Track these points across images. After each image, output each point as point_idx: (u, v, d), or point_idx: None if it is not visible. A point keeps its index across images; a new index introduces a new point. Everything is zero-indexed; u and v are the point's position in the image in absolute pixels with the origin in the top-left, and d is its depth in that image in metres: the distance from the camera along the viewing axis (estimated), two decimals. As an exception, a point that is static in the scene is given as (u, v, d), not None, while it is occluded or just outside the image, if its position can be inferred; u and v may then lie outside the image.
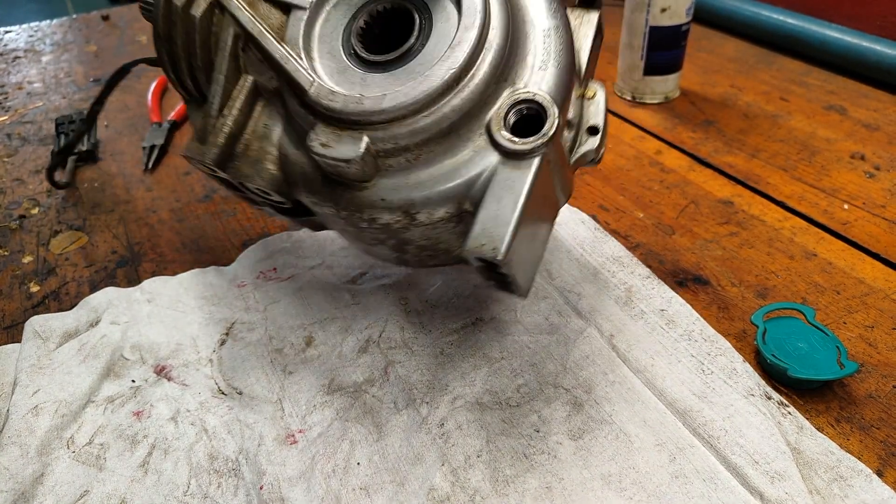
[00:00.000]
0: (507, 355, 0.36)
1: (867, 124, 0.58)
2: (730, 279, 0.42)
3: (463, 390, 0.34)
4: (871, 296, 0.40)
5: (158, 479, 0.31)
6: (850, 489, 0.29)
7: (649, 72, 0.62)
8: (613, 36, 0.71)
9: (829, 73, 0.68)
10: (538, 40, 0.29)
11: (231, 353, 0.38)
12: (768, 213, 0.48)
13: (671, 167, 0.54)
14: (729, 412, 0.32)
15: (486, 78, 0.27)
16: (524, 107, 0.27)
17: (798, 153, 0.55)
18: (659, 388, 0.34)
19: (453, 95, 0.27)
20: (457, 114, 0.27)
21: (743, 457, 0.30)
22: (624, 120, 0.62)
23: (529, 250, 0.29)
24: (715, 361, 0.35)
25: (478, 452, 0.31)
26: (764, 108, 0.62)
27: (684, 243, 0.45)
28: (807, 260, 0.43)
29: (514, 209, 0.25)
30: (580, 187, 0.52)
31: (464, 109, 0.27)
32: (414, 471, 0.31)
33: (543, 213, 0.30)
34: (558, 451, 0.31)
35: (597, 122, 0.31)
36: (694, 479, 0.30)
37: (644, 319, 0.38)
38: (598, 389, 0.34)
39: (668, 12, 0.58)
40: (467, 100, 0.27)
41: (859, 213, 0.47)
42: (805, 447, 0.31)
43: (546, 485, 0.30)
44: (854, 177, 0.51)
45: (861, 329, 0.37)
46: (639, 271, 0.42)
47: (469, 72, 0.27)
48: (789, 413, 0.32)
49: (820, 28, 0.69)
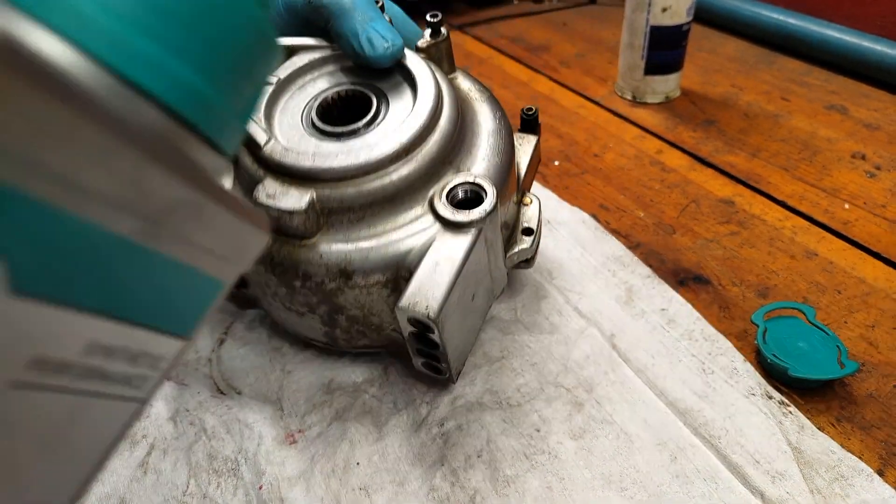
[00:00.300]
0: (508, 355, 0.36)
1: (868, 124, 0.58)
2: (730, 278, 0.41)
3: (463, 390, 0.34)
4: (871, 295, 0.39)
5: (157, 479, 0.31)
6: (851, 488, 0.29)
7: (650, 71, 0.62)
8: (614, 36, 0.71)
9: (829, 73, 0.68)
10: (484, 138, 0.33)
11: (230, 352, 0.38)
12: (769, 213, 0.47)
13: (672, 166, 0.54)
14: (730, 412, 0.32)
15: (433, 156, 0.30)
16: (467, 187, 0.30)
17: (799, 153, 0.55)
18: (660, 388, 0.34)
19: (401, 164, 0.29)
20: (403, 182, 0.29)
21: (744, 456, 0.30)
22: (625, 119, 0.62)
23: (461, 329, 0.31)
24: (716, 361, 0.35)
25: (478, 452, 0.31)
26: (765, 107, 0.62)
27: (685, 243, 0.45)
28: (808, 259, 0.43)
29: (451, 272, 0.27)
30: (581, 187, 0.52)
31: (410, 179, 0.29)
32: (414, 471, 0.31)
33: (477, 292, 0.31)
34: (559, 451, 0.31)
35: (531, 225, 0.35)
36: (695, 478, 0.30)
37: (645, 319, 0.38)
38: (598, 389, 0.34)
39: (668, 12, 0.58)
40: (413, 171, 0.29)
41: (860, 213, 0.47)
42: (806, 447, 0.31)
43: (547, 485, 0.30)
44: (855, 176, 0.51)
45: (862, 328, 0.37)
46: (639, 271, 0.42)
47: (417, 147, 0.30)
48: (790, 412, 0.32)
49: (820, 28, 0.69)
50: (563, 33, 0.83)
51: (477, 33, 0.84)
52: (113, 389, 0.16)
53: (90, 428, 0.17)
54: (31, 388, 0.13)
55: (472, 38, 0.83)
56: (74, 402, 0.15)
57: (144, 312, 0.14)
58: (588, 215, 0.47)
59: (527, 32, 0.84)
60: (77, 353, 0.13)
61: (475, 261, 0.29)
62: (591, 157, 0.56)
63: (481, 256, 0.30)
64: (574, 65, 0.74)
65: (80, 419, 0.16)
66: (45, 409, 0.14)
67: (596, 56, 0.75)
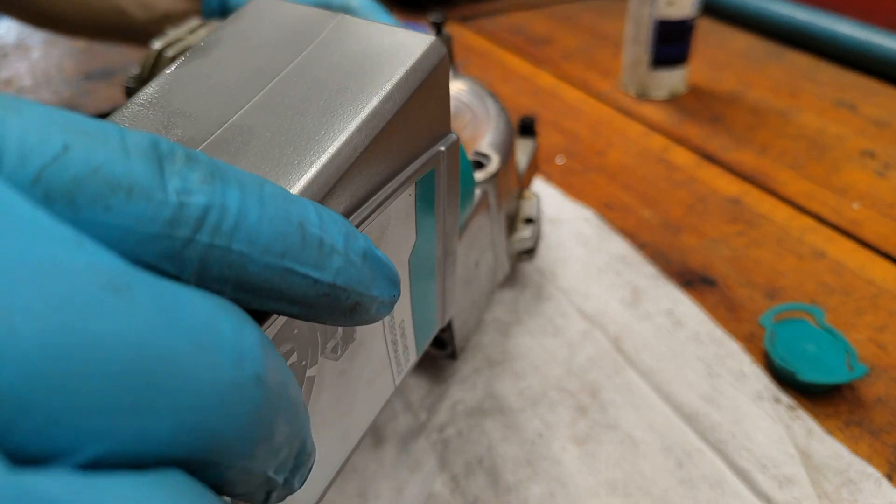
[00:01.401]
0: (509, 358, 0.36)
1: (877, 121, 0.57)
2: (738, 280, 0.41)
3: (463, 395, 0.34)
4: (881, 297, 0.39)
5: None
6: (859, 493, 0.28)
7: (655, 66, 0.61)
8: (618, 29, 0.70)
9: (839, 69, 0.67)
10: (492, 119, 0.37)
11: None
12: (777, 212, 0.47)
13: (678, 164, 0.53)
14: (737, 416, 0.32)
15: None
16: (473, 156, 0.33)
17: (807, 150, 0.54)
18: (666, 392, 0.33)
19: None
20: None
21: (751, 461, 0.30)
22: (629, 116, 0.61)
23: (464, 296, 0.32)
24: (723, 364, 0.35)
25: (479, 458, 0.31)
26: (772, 104, 0.61)
27: (691, 242, 0.44)
28: (816, 260, 0.42)
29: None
30: (585, 185, 0.51)
31: None
32: (413, 477, 0.30)
33: (480, 262, 0.33)
34: (562, 457, 0.31)
35: (532, 215, 0.38)
36: (701, 484, 0.29)
37: (651, 321, 0.37)
38: (603, 393, 0.33)
39: (674, 5, 0.57)
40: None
41: (869, 213, 0.46)
42: (814, 451, 0.30)
43: (550, 492, 0.29)
44: (864, 175, 0.50)
45: (871, 331, 0.36)
46: (645, 271, 0.41)
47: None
48: (798, 417, 0.32)
49: (830, 22, 0.68)
50: (566, 26, 0.82)
51: (478, 26, 0.83)
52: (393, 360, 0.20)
53: (374, 394, 0.20)
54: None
55: (473, 31, 0.82)
56: (383, 361, 0.20)
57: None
58: (592, 214, 0.47)
59: (529, 25, 0.83)
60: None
61: (477, 225, 0.31)
62: (595, 154, 0.55)
63: (484, 222, 0.32)
64: (577, 59, 0.73)
65: (377, 381, 0.20)
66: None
67: (600, 50, 0.74)
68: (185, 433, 0.09)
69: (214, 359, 0.10)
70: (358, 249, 0.13)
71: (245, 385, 0.10)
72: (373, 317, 0.14)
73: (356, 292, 0.13)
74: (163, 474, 0.09)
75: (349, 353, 0.17)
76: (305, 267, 0.11)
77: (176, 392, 0.09)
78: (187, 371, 0.09)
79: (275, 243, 0.11)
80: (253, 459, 0.10)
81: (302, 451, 0.12)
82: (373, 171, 0.16)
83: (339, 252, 0.12)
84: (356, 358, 0.18)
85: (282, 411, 0.11)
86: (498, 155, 0.33)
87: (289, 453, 0.12)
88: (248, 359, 0.10)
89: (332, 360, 0.17)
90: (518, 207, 0.38)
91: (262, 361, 0.10)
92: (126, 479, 0.09)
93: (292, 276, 0.11)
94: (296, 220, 0.11)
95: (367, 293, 0.13)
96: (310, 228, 0.12)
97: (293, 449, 0.12)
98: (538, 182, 0.50)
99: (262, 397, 0.10)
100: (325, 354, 0.16)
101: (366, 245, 0.13)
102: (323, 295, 0.12)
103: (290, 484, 0.12)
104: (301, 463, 0.12)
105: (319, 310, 0.12)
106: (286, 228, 0.11)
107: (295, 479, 0.12)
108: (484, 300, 0.36)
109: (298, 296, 0.12)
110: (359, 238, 0.13)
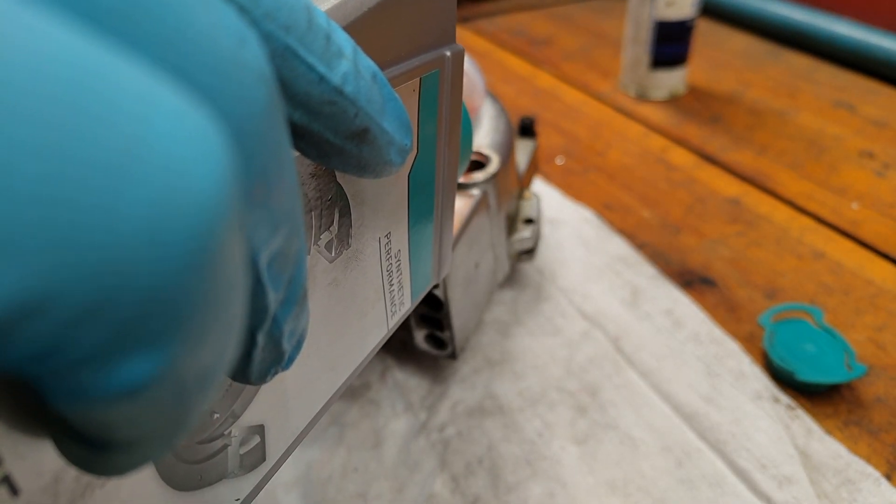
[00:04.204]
0: (509, 358, 0.36)
1: (876, 121, 0.57)
2: (737, 280, 0.41)
3: (463, 395, 0.34)
4: (880, 297, 0.39)
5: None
6: (858, 493, 0.28)
7: (655, 67, 0.61)
8: (617, 30, 0.70)
9: (837, 69, 0.67)
10: (486, 121, 0.37)
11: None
12: (776, 212, 0.47)
13: (677, 165, 0.53)
14: (736, 416, 0.32)
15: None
16: (473, 156, 0.33)
17: (806, 150, 0.54)
18: (665, 392, 0.33)
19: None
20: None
21: (750, 461, 0.30)
22: (629, 116, 0.61)
23: (464, 297, 0.32)
24: (722, 364, 0.35)
25: (479, 458, 0.31)
26: (771, 104, 0.61)
27: (691, 243, 0.44)
28: (815, 260, 0.42)
29: (456, 227, 0.28)
30: (585, 185, 0.51)
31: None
32: (413, 477, 0.30)
33: (480, 263, 0.33)
34: (562, 457, 0.31)
35: (531, 215, 0.38)
36: (701, 484, 0.29)
37: (650, 321, 0.37)
38: (602, 393, 0.33)
39: (674, 6, 0.57)
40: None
41: (868, 213, 0.46)
42: (813, 451, 0.30)
43: (549, 492, 0.29)
44: (863, 175, 0.50)
45: (870, 331, 0.37)
46: (645, 271, 0.41)
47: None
48: (797, 416, 0.32)
49: (828, 23, 0.68)
50: (566, 27, 0.82)
51: (478, 27, 0.83)
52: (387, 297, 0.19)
53: (366, 329, 0.19)
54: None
55: (473, 32, 0.82)
56: (377, 290, 0.19)
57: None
58: (592, 214, 0.47)
59: (528, 26, 0.83)
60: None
61: (477, 226, 0.31)
62: (595, 154, 0.55)
63: (484, 222, 0.32)
64: (577, 59, 0.73)
65: (370, 313, 0.19)
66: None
67: (599, 50, 0.75)
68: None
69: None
70: (367, 66, 0.11)
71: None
72: (383, 157, 0.12)
73: (365, 112, 0.11)
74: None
75: (343, 260, 0.16)
76: (311, 56, 0.10)
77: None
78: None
79: (278, 11, 0.10)
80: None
81: (298, 275, 0.11)
82: (377, 43, 0.14)
83: (347, 57, 0.11)
84: (350, 269, 0.17)
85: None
86: (498, 155, 0.33)
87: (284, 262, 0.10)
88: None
89: (326, 261, 0.16)
90: (518, 208, 0.38)
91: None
92: None
93: (295, 62, 0.10)
94: (303, 1, 0.10)
95: (377, 120, 0.12)
96: (317, 19, 0.10)
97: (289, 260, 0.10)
98: (538, 182, 0.50)
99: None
100: (318, 247, 0.15)
101: (375, 68, 0.12)
102: (328, 101, 0.11)
103: (279, 341, 0.11)
104: (294, 295, 0.11)
105: (324, 119, 0.11)
106: (293, 2, 0.10)
107: (283, 336, 0.11)
108: (484, 300, 0.36)
109: (301, 91, 0.10)
110: (368, 59, 0.12)
